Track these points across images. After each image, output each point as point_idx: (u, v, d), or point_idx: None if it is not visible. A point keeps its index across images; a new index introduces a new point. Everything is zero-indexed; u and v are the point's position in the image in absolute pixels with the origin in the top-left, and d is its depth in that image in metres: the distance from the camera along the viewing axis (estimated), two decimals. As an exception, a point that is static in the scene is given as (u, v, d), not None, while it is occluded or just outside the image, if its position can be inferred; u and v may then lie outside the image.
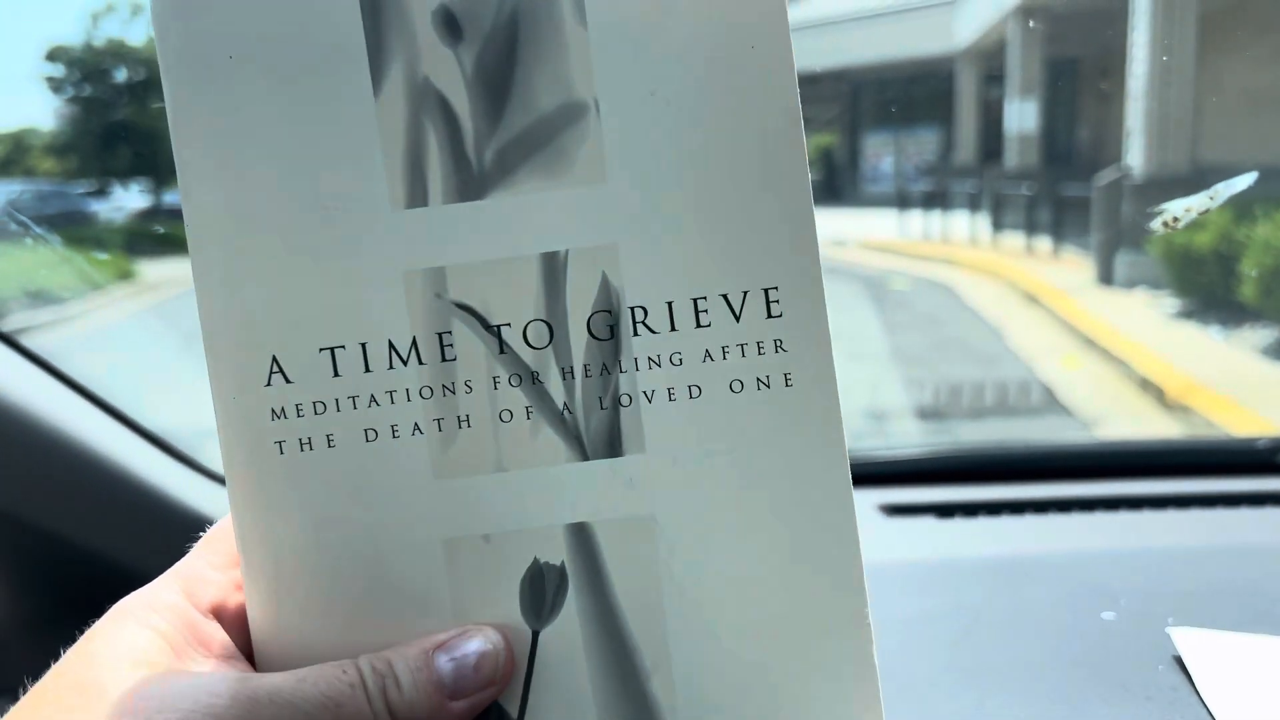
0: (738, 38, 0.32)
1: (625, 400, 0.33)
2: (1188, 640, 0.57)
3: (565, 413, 0.33)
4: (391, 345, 0.33)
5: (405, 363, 0.33)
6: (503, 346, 0.33)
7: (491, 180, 0.32)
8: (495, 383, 0.33)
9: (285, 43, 0.32)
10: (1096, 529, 0.82)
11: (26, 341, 0.78)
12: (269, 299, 0.32)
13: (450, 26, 0.32)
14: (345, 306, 0.33)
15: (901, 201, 12.08)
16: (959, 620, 0.63)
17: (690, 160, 0.32)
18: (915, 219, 11.08)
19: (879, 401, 4.12)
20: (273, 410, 0.33)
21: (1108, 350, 4.88)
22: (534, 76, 0.32)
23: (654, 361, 0.33)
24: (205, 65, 0.32)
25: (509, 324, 0.33)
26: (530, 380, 0.33)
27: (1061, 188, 8.28)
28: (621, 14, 0.32)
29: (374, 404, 0.33)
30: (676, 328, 0.33)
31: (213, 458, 0.84)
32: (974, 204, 10.14)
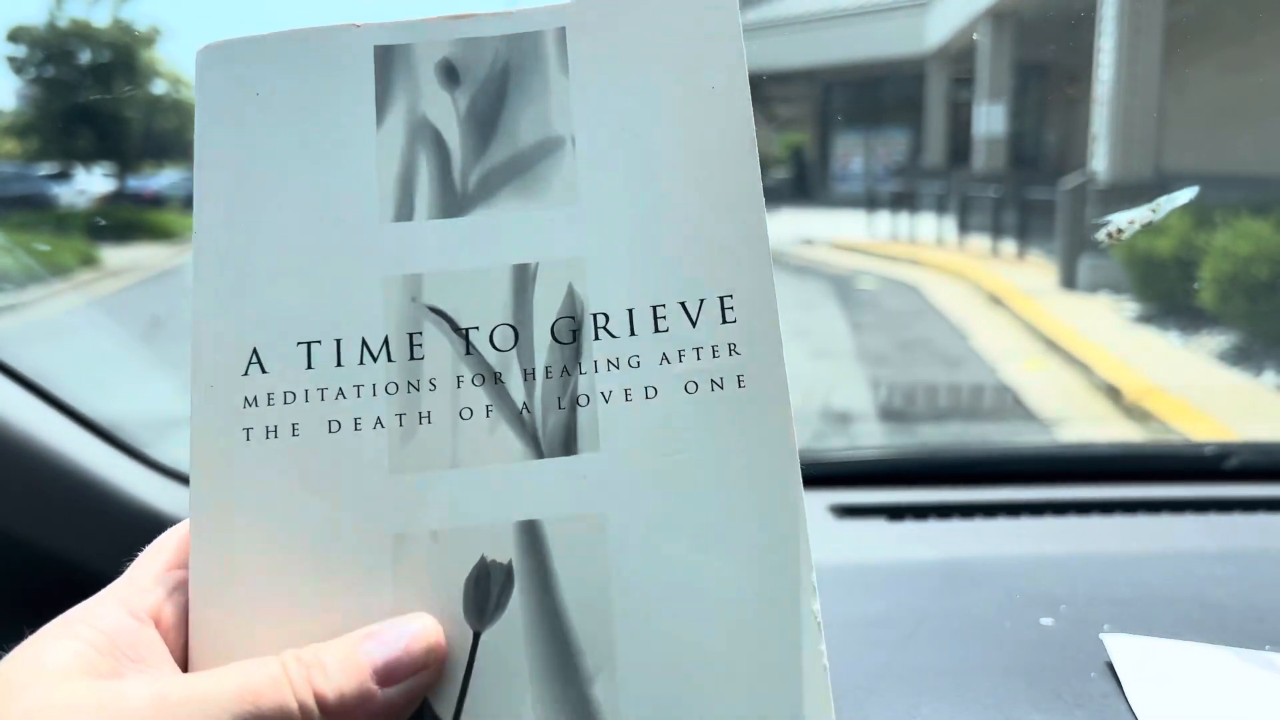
0: (700, 81, 0.36)
1: (583, 400, 0.34)
2: (1120, 647, 0.58)
3: (524, 412, 0.34)
4: (364, 342, 0.34)
5: (375, 359, 0.34)
6: (469, 348, 0.34)
7: (473, 200, 0.35)
8: (459, 381, 0.34)
9: (306, 83, 0.36)
10: (1044, 534, 0.83)
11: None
12: (258, 298, 0.35)
13: (450, 75, 0.36)
14: (327, 306, 0.35)
15: (870, 202, 12.16)
16: (901, 625, 0.64)
17: (654, 184, 0.35)
18: (883, 219, 11.16)
19: (843, 400, 4.15)
20: (245, 398, 0.34)
21: (1069, 353, 4.94)
22: (519, 116, 0.36)
23: (613, 364, 0.34)
24: (234, 99, 0.36)
25: (477, 327, 0.34)
26: (493, 380, 0.34)
27: (1027, 191, 8.36)
28: (600, 64, 0.36)
29: (341, 396, 0.34)
30: (636, 332, 0.34)
31: (165, 451, 0.83)
32: (941, 206, 10.23)
